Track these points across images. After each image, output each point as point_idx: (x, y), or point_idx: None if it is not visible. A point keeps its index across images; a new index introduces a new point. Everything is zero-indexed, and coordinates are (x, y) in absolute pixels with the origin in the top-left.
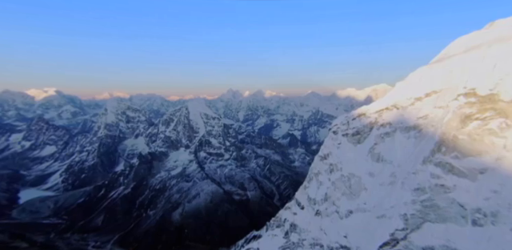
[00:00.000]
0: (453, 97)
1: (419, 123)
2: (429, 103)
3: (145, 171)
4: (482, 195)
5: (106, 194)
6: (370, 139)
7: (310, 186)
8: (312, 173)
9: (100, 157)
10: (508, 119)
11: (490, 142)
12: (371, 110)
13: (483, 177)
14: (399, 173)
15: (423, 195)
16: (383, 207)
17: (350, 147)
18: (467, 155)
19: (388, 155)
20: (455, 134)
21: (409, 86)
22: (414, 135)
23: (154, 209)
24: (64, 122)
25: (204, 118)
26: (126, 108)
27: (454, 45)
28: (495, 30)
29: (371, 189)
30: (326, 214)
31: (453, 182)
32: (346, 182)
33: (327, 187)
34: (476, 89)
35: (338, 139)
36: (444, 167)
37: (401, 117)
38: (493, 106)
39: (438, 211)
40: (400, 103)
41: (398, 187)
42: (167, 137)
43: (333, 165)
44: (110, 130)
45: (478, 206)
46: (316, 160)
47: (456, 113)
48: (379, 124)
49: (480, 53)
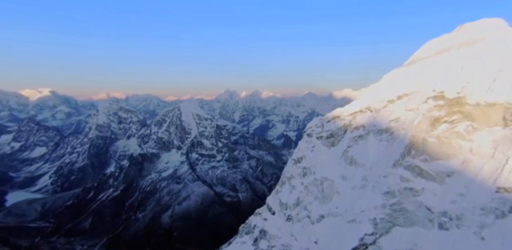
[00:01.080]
0: (423, 100)
1: (391, 126)
2: (400, 106)
3: (135, 172)
4: (449, 198)
5: (95, 196)
6: (344, 141)
7: (282, 190)
8: (285, 177)
9: (90, 158)
10: (474, 123)
11: (457, 145)
12: (345, 113)
13: (450, 180)
14: (371, 176)
15: (393, 199)
16: (354, 211)
17: (323, 150)
18: (436, 158)
19: (361, 158)
20: (425, 137)
21: (382, 89)
22: (386, 137)
23: (144, 211)
24: (58, 122)
25: (196, 119)
26: (118, 109)
27: (425, 47)
28: (464, 34)
29: (343, 193)
30: (297, 219)
31: (421, 185)
32: (319, 186)
33: (300, 191)
34: (444, 92)
35: (312, 141)
36: (413, 171)
37: (374, 120)
38: (460, 110)
39: (406, 215)
40: (373, 106)
41: (369, 190)
42: (159, 138)
43: (306, 168)
44: (102, 131)
45: (444, 209)
46: (289, 164)
47: (425, 116)
48: (353, 127)
49: (448, 56)
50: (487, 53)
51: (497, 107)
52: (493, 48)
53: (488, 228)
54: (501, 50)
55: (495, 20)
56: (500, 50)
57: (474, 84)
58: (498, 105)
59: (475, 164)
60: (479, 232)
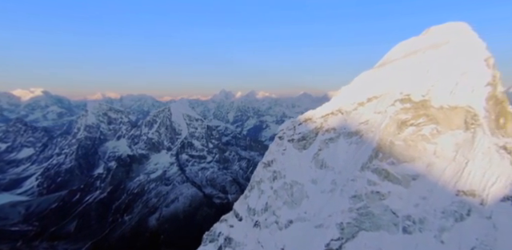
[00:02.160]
0: (390, 102)
1: (360, 129)
2: (370, 108)
3: (123, 174)
4: (413, 201)
5: (81, 198)
6: (315, 144)
7: (250, 195)
8: (254, 181)
9: (78, 160)
10: (439, 126)
11: (422, 148)
12: (317, 115)
13: (415, 183)
14: (339, 180)
15: (359, 203)
16: (322, 215)
17: (295, 153)
18: (402, 161)
19: (331, 162)
20: (392, 140)
21: (353, 91)
22: (355, 140)
23: (130, 214)
24: (49, 123)
25: (187, 120)
26: (108, 109)
27: (395, 50)
28: (430, 37)
29: (313, 197)
30: (265, 225)
31: (388, 188)
32: (289, 190)
33: (269, 195)
34: (411, 95)
35: (283, 144)
36: (380, 174)
37: (344, 122)
38: (425, 112)
39: (372, 219)
40: (344, 108)
41: (337, 194)
42: (149, 139)
43: (276, 172)
44: (90, 131)
45: (408, 213)
46: (259, 167)
47: (393, 118)
48: (324, 129)
49: (415, 59)
50: (451, 56)
51: (458, 111)
52: (456, 51)
53: (447, 232)
54: (464, 53)
55: (459, 24)
56: (463, 54)
57: (438, 87)
58: (460, 108)
59: (438, 167)
60: (439, 236)
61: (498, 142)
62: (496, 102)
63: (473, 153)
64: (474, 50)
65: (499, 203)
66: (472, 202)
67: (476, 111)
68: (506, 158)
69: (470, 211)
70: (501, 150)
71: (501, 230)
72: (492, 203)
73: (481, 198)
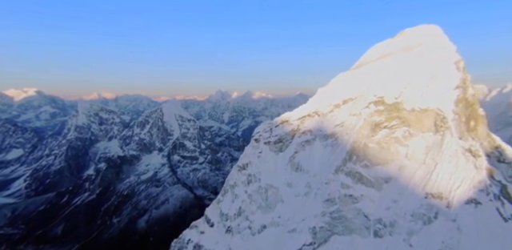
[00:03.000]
0: (365, 104)
1: (336, 131)
2: (345, 110)
3: (112, 175)
4: (384, 204)
5: (69, 201)
6: (292, 147)
7: (223, 200)
8: (227, 185)
9: (68, 161)
10: (411, 128)
11: (395, 150)
12: (294, 117)
13: (387, 186)
14: (314, 183)
15: (333, 207)
16: (295, 220)
17: (271, 156)
18: (375, 163)
19: (306, 164)
20: (366, 142)
21: (329, 93)
22: (331, 143)
23: (119, 216)
24: (42, 123)
25: (179, 121)
26: (100, 109)
27: (371, 51)
28: (404, 39)
29: (287, 201)
30: (237, 230)
31: (361, 192)
32: (263, 194)
33: (242, 200)
34: (384, 97)
35: (259, 147)
36: (354, 177)
37: (321, 124)
38: (398, 115)
39: (345, 223)
40: (321, 110)
41: (311, 198)
42: (141, 140)
43: (251, 176)
44: (81, 132)
45: (379, 216)
46: (233, 171)
47: (367, 121)
48: (301, 132)
49: (389, 61)
50: (422, 59)
51: (429, 113)
52: (427, 54)
53: (416, 235)
54: (434, 56)
55: (431, 27)
56: (434, 57)
57: (410, 90)
58: (430, 111)
59: (409, 170)
60: (408, 239)
61: (464, 145)
62: (466, 104)
63: (441, 156)
64: (444, 53)
65: (464, 206)
66: (439, 205)
67: (445, 114)
68: (470, 161)
69: (437, 214)
70: (466, 153)
71: (464, 232)
72: (457, 206)
73: (447, 200)
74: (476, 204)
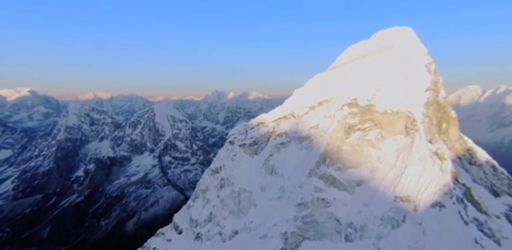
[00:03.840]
0: (339, 106)
1: (311, 133)
2: (320, 112)
3: (102, 177)
4: (356, 208)
5: (57, 202)
6: (267, 149)
7: (194, 205)
8: (199, 190)
9: (57, 162)
10: (383, 131)
11: (368, 153)
12: (270, 119)
13: (359, 189)
14: (288, 187)
15: (305, 211)
16: (267, 225)
17: (245, 159)
18: (348, 166)
19: (281, 167)
20: (339, 145)
21: (305, 94)
22: (305, 145)
23: (108, 219)
24: (34, 123)
25: (171, 121)
26: (91, 110)
27: (346, 53)
28: (377, 41)
29: (260, 205)
30: (207, 237)
31: (333, 195)
32: (236, 198)
33: (214, 205)
34: (358, 99)
35: (233, 150)
36: (327, 180)
37: (296, 126)
38: (371, 117)
39: (316, 228)
40: (297, 112)
41: (284, 202)
42: (133, 140)
43: (224, 179)
44: (71, 133)
45: (351, 220)
46: (206, 175)
47: (341, 123)
48: (276, 134)
49: (362, 63)
50: (394, 61)
51: (400, 116)
52: (399, 57)
53: (384, 239)
54: (406, 59)
55: (404, 29)
56: (405, 59)
57: (382, 92)
58: (401, 113)
59: (381, 173)
60: (377, 243)
61: (432, 147)
62: (438, 107)
63: (410, 159)
64: (415, 55)
65: (429, 209)
66: (407, 208)
67: (415, 117)
68: (437, 164)
69: (405, 218)
70: (433, 156)
71: (429, 236)
72: (423, 209)
73: (414, 204)
74: (440, 207)
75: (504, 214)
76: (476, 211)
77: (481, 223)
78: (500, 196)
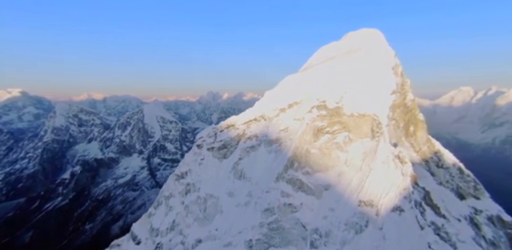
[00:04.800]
0: (308, 109)
1: (280, 136)
2: (290, 115)
3: (88, 179)
4: (322, 213)
5: (41, 206)
6: (236, 153)
7: (156, 213)
8: (162, 197)
9: (42, 164)
10: (351, 133)
11: (336, 156)
12: (240, 121)
13: (327, 194)
14: (255, 192)
15: (271, 217)
16: (232, 232)
17: (214, 163)
18: (317, 170)
19: (249, 172)
20: (308, 148)
21: (276, 96)
22: (275, 148)
23: (93, 222)
24: (24, 124)
25: (160, 122)
26: (79, 111)
27: (317, 54)
28: (346, 43)
29: (227, 211)
30: (168, 247)
31: (300, 200)
32: (202, 204)
33: (177, 212)
34: (326, 101)
35: (201, 153)
36: (294, 184)
37: (266, 129)
38: (339, 120)
39: (282, 234)
40: (267, 114)
41: (251, 208)
42: (122, 142)
43: (190, 185)
44: (58, 134)
45: (316, 226)
46: (170, 181)
47: (309, 126)
48: (246, 137)
49: (332, 65)
50: (362, 63)
51: (366, 118)
52: (367, 59)
53: (348, 245)
54: (373, 61)
55: (372, 31)
56: (372, 61)
57: (350, 94)
58: (367, 116)
59: (347, 177)
60: (341, 249)
61: (394, 151)
62: (405, 110)
63: (375, 162)
64: (382, 58)
65: (390, 214)
66: (370, 213)
67: (380, 119)
68: (398, 167)
69: (368, 223)
70: (396, 159)
71: (388, 241)
72: (384, 214)
73: (377, 208)
74: (400, 212)
75: (467, 217)
76: (434, 214)
77: (438, 227)
78: (465, 199)
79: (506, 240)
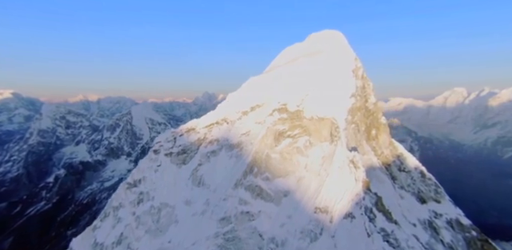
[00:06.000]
0: (269, 112)
1: (242, 141)
2: (252, 118)
3: (72, 183)
4: (280, 221)
5: (22, 211)
6: (196, 158)
7: (101, 226)
8: (110, 208)
9: (27, 167)
10: (311, 137)
11: (296, 161)
12: (201, 125)
13: (286, 200)
14: (213, 200)
15: (227, 226)
16: (185, 244)
17: (171, 170)
18: (277, 175)
19: (209, 178)
20: (268, 152)
21: (239, 98)
22: (236, 153)
23: (76, 227)
24: (14, 126)
25: (149, 124)
26: (67, 112)
27: (281, 56)
28: (309, 44)
29: (182, 221)
30: None
31: (259, 208)
32: (155, 215)
33: (127, 224)
34: (287, 104)
35: (158, 159)
36: (253, 191)
37: (228, 133)
38: (300, 123)
39: (238, 245)
40: (230, 117)
41: (207, 217)
42: (110, 144)
43: (143, 194)
44: (44, 136)
45: (273, 234)
46: (120, 190)
47: (270, 129)
48: (207, 141)
49: (293, 67)
50: (322, 66)
51: (326, 122)
52: (327, 61)
53: None
54: (334, 63)
55: (334, 32)
56: (333, 64)
57: (310, 97)
58: (326, 119)
59: (306, 182)
60: None
61: (349, 155)
62: (366, 113)
63: (331, 167)
64: (342, 60)
65: (342, 221)
66: (324, 220)
67: (338, 123)
68: (352, 173)
69: (323, 230)
70: (350, 164)
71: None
72: (337, 221)
73: (330, 215)
74: (352, 219)
75: (426, 221)
76: (385, 220)
77: (387, 233)
78: (426, 202)
79: (463, 244)
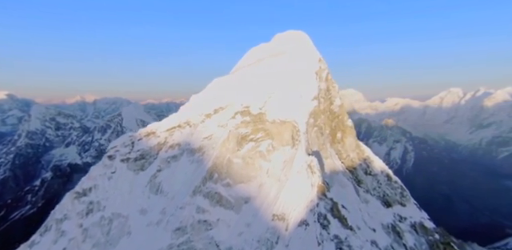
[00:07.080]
0: (231, 115)
1: (204, 145)
2: (215, 121)
3: (59, 186)
4: (238, 229)
5: (6, 215)
6: (155, 164)
7: (41, 241)
8: (52, 220)
9: (14, 170)
10: (274, 141)
11: (258, 166)
12: (162, 128)
13: (246, 207)
14: (169, 208)
15: (182, 237)
16: None
17: (127, 177)
18: (238, 181)
19: (167, 185)
20: (230, 157)
21: (202, 100)
22: (197, 158)
23: None
24: (7, 128)
25: (140, 126)
26: (57, 114)
27: (246, 56)
28: (273, 45)
29: (136, 233)
30: None
31: (217, 216)
32: (106, 226)
33: (71, 238)
34: (250, 107)
35: (113, 166)
36: (212, 198)
37: (190, 137)
38: (263, 127)
39: None
40: (192, 120)
41: (162, 227)
42: (101, 145)
43: (93, 204)
44: (33, 138)
45: (230, 244)
46: (66, 200)
47: (232, 133)
48: (168, 145)
49: (256, 68)
50: (285, 67)
51: (287, 125)
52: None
53: None
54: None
55: (298, 33)
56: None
57: (274, 99)
58: (288, 123)
59: (267, 188)
60: None
61: (307, 160)
62: (331, 116)
63: (291, 172)
64: (306, 62)
65: (297, 229)
66: (281, 228)
67: (299, 126)
68: (309, 178)
69: (279, 239)
70: (308, 169)
71: None
72: (292, 229)
73: (287, 223)
74: (306, 226)
75: (390, 225)
76: (340, 227)
77: (341, 240)
78: (392, 206)
79: (426, 247)
